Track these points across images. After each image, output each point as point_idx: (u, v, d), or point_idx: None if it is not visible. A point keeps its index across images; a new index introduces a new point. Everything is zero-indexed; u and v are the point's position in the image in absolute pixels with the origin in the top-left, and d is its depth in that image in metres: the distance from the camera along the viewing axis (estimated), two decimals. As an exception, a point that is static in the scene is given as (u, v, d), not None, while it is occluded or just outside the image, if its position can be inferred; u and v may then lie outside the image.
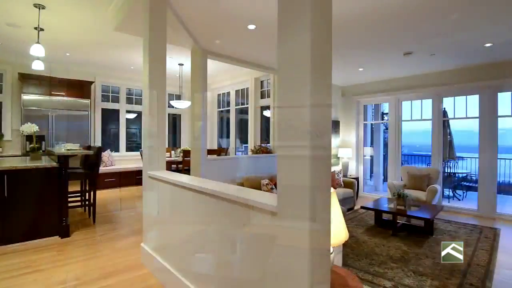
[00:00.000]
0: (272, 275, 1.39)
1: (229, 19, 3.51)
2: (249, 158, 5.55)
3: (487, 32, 3.76)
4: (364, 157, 7.36)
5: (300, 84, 1.19)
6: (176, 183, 2.27)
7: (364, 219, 4.97)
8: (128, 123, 8.10)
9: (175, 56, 5.76)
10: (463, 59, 4.98)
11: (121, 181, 7.02)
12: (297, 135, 1.20)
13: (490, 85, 5.22)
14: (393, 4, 3.03)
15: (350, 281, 1.79)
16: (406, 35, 3.91)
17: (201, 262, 2.04)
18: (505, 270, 3.12)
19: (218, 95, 8.34)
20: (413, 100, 6.44)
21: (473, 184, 7.00)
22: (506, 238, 4.12)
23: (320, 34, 1.21)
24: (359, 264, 3.20)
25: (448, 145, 7.11)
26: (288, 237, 1.27)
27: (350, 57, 4.94)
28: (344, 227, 1.69)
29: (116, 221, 4.44)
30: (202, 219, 1.99)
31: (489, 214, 5.21)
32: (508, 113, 5.30)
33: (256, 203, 1.43)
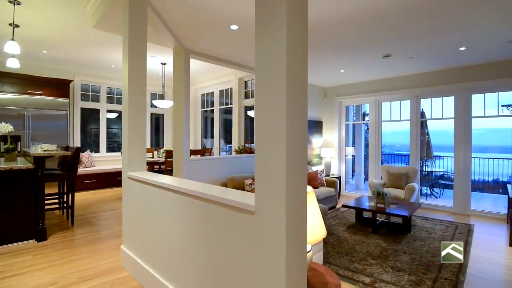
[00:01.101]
0: (250, 273, 1.40)
1: (212, 19, 3.50)
2: (233, 158, 5.55)
3: (461, 37, 3.92)
4: (346, 156, 7.51)
5: (276, 84, 1.21)
6: (155, 183, 2.25)
7: (345, 217, 5.07)
8: (109, 123, 7.92)
9: (158, 55, 5.69)
10: (439, 62, 5.17)
11: (101, 183, 6.85)
12: (274, 135, 1.22)
13: (464, 87, 5.45)
14: (372, 8, 3.11)
15: (328, 277, 1.83)
16: (384, 38, 4.02)
17: (182, 264, 2.02)
18: (477, 264, 3.27)
19: (202, 95, 8.29)
20: (393, 101, 6.63)
21: (449, 182, 7.27)
22: (479, 234, 4.32)
23: (296, 36, 1.23)
24: (340, 261, 3.27)
25: (426, 144, 7.38)
26: (265, 236, 1.29)
27: (331, 59, 5.03)
28: (322, 225, 1.73)
29: (95, 224, 4.33)
30: (182, 220, 1.98)
31: (464, 211, 5.44)
32: (481, 114, 5.54)
33: (234, 203, 1.44)
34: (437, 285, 2.75)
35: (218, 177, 4.97)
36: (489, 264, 3.28)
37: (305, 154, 1.29)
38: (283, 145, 1.17)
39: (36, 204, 3.54)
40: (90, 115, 7.64)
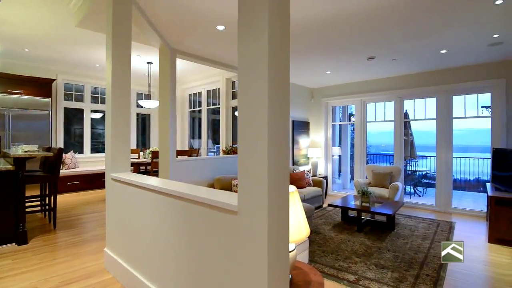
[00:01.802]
0: (233, 274, 1.41)
1: (198, 19, 3.48)
2: (220, 158, 5.53)
3: (441, 40, 4.04)
4: (332, 156, 7.61)
5: (258, 84, 1.22)
6: (138, 184, 2.23)
7: (331, 216, 5.14)
8: (94, 123, 7.76)
9: (144, 54, 5.62)
10: (421, 64, 5.31)
11: (85, 184, 6.70)
12: (256, 135, 1.23)
13: (445, 89, 5.61)
14: (355, 11, 3.17)
15: (312, 276, 1.86)
16: (368, 41, 4.10)
17: (166, 265, 2.01)
18: (457, 260, 3.37)
19: (189, 95, 8.23)
20: (377, 102, 6.77)
21: (432, 181, 7.46)
22: (460, 230, 4.45)
23: (278, 37, 1.25)
24: (325, 259, 3.31)
25: (410, 144, 7.56)
26: (248, 236, 1.29)
27: (317, 60, 5.10)
28: (305, 224, 1.75)
29: (78, 226, 4.24)
30: (166, 221, 1.97)
31: (445, 209, 5.60)
32: (462, 115, 5.72)
33: (217, 203, 1.44)
34: (419, 281, 2.82)
35: (205, 177, 4.95)
36: (469, 260, 3.38)
37: (287, 154, 1.31)
38: (265, 145, 1.19)
39: (16, 207, 3.44)
40: (74, 115, 7.47)
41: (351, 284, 2.75)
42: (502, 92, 5.03)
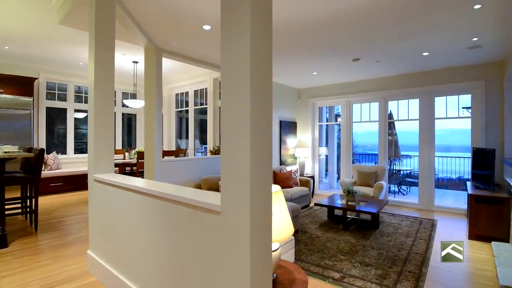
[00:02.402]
0: (217, 274, 1.41)
1: (183, 18, 3.46)
2: (207, 159, 5.51)
3: (424, 43, 4.15)
4: (319, 156, 7.69)
5: (241, 84, 1.23)
6: (121, 185, 2.20)
7: (318, 215, 5.19)
8: (78, 123, 7.59)
9: (129, 53, 5.53)
10: (404, 66, 5.44)
11: (68, 186, 6.54)
12: (238, 135, 1.23)
13: (428, 90, 5.77)
14: (339, 13, 3.22)
15: (296, 274, 1.88)
16: (353, 42, 4.17)
17: (149, 266, 1.99)
18: (439, 257, 3.46)
19: (176, 95, 8.15)
20: (362, 103, 6.89)
21: (415, 180, 7.65)
22: (441, 228, 4.58)
23: (260, 37, 1.26)
24: (311, 258, 3.35)
25: (394, 144, 7.73)
26: (231, 236, 1.30)
27: (304, 61, 5.14)
28: (289, 223, 1.77)
29: (61, 228, 4.14)
30: (149, 222, 1.95)
31: (428, 207, 5.75)
32: (443, 116, 5.89)
33: (201, 204, 1.44)
34: (401, 278, 2.89)
35: (192, 178, 4.92)
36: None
37: (270, 154, 1.32)
38: (247, 145, 1.20)
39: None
40: (57, 115, 7.28)
41: (336, 282, 2.80)
42: (481, 94, 5.21)
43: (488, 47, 4.32)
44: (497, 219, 3.90)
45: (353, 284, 2.75)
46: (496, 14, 3.21)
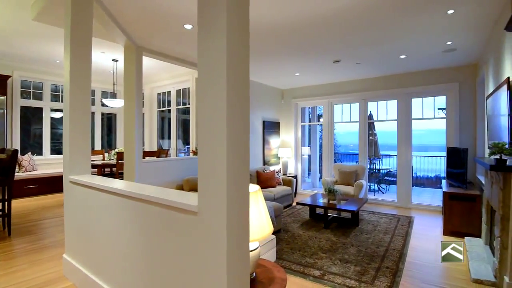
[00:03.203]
0: (194, 274, 1.41)
1: (164, 17, 3.42)
2: (190, 159, 5.46)
3: (401, 45, 4.29)
4: (302, 156, 7.78)
5: (217, 84, 1.23)
6: (97, 187, 2.15)
7: (300, 214, 5.26)
8: (55, 123, 7.33)
9: (108, 51, 5.40)
10: (383, 68, 5.60)
11: (44, 188, 6.31)
12: (214, 135, 1.24)
13: (405, 91, 5.96)
14: (319, 15, 3.27)
15: (276, 273, 1.90)
16: (334, 44, 4.25)
17: (127, 269, 1.96)
18: (415, 253, 3.59)
19: (158, 94, 8.03)
20: (343, 103, 7.04)
21: (394, 178, 7.88)
22: (418, 225, 4.75)
23: (237, 37, 1.27)
24: (293, 256, 3.39)
25: (374, 144, 7.93)
26: (208, 236, 1.30)
27: (287, 62, 5.19)
28: (268, 222, 1.78)
29: (36, 232, 3.99)
30: (126, 224, 1.92)
31: (406, 205, 5.94)
32: (420, 116, 6.10)
33: (177, 204, 1.43)
34: (379, 273, 2.98)
35: (174, 179, 4.86)
36: (425, 252, 3.62)
37: (247, 154, 1.33)
38: (224, 145, 1.20)
39: (-38, 214, 3.17)
40: (33, 114, 7.00)
41: (316, 280, 2.84)
42: (455, 95, 5.43)
43: (462, 51, 4.51)
44: (469, 216, 4.08)
45: (333, 281, 2.80)
46: (468, 19, 3.36)
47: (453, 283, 2.84)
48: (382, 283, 2.77)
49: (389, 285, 2.74)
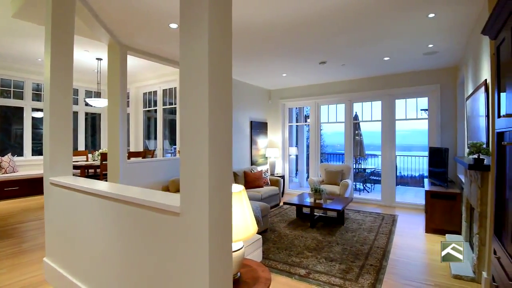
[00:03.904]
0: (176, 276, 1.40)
1: (149, 16, 3.37)
2: (176, 160, 5.40)
3: (384, 48, 4.38)
4: (289, 156, 7.83)
5: (199, 85, 1.23)
6: (78, 188, 2.10)
7: (287, 214, 5.29)
8: (37, 123, 7.12)
9: (92, 50, 5.28)
10: (367, 70, 5.70)
11: (25, 190, 6.11)
12: (196, 135, 1.23)
13: (389, 93, 6.08)
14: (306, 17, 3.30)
15: (260, 272, 1.91)
16: (320, 46, 4.29)
17: (109, 272, 1.93)
18: (398, 250, 3.68)
19: (143, 94, 7.91)
20: (330, 104, 7.13)
21: (379, 178, 8.04)
22: (401, 223, 4.86)
23: (219, 38, 1.27)
24: (279, 256, 3.41)
25: (359, 144, 8.06)
26: (190, 237, 1.30)
27: (274, 63, 5.21)
28: (252, 222, 1.79)
29: (16, 236, 3.87)
30: (108, 226, 1.88)
31: (390, 203, 6.07)
32: (403, 117, 6.24)
33: (160, 205, 1.42)
34: (363, 271, 3.03)
35: (160, 180, 4.81)
36: (408, 249, 3.71)
37: (230, 154, 1.33)
38: (206, 145, 1.20)
39: None
40: (13, 114, 6.78)
41: (302, 278, 2.87)
42: (437, 97, 5.59)
43: (443, 53, 4.64)
44: (450, 213, 4.20)
45: (318, 280, 2.83)
46: (448, 23, 3.46)
47: (434, 279, 2.92)
48: (366, 281, 2.82)
49: (373, 282, 2.79)
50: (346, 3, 2.99)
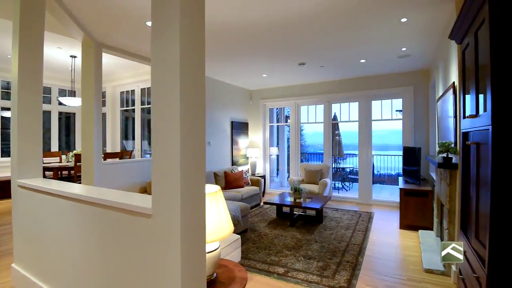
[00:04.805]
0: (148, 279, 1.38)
1: (124, 13, 3.29)
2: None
3: (360, 51, 4.49)
4: (270, 156, 7.88)
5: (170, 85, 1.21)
6: (47, 191, 2.03)
7: (268, 213, 5.32)
8: (6, 123, 6.76)
9: (66, 47, 5.08)
10: (345, 71, 5.83)
11: (-7, 193, 5.81)
12: (168, 136, 1.22)
13: (365, 94, 6.25)
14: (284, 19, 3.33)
15: (237, 272, 1.91)
16: (298, 47, 4.34)
17: (80, 276, 1.86)
18: (373, 246, 3.79)
19: (121, 93, 7.70)
20: (309, 105, 7.24)
21: (357, 176, 8.24)
22: (377, 219, 5.01)
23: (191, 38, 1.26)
24: (259, 255, 3.42)
25: (338, 144, 8.24)
26: (161, 238, 1.28)
27: (254, 63, 5.22)
28: (228, 222, 1.79)
29: (-19, 241, 3.66)
30: (79, 229, 1.82)
31: (367, 201, 6.24)
32: (379, 118, 6.44)
33: (131, 207, 1.39)
34: (340, 268, 3.10)
35: (137, 181, 4.70)
36: (383, 245, 3.83)
37: (203, 155, 1.33)
38: (177, 145, 1.19)
39: None
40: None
41: (280, 277, 2.90)
42: (410, 98, 5.80)
43: (416, 57, 4.83)
44: (423, 210, 4.37)
45: (296, 278, 2.87)
46: (420, 27, 3.60)
47: (407, 273, 3.03)
48: (342, 277, 2.88)
49: (349, 278, 2.86)
50: (322, 8, 3.05)
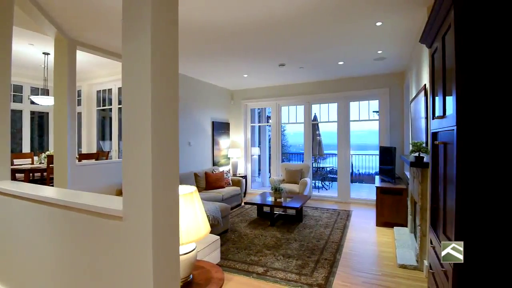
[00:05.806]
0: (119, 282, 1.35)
1: (99, 8, 3.19)
2: (133, 161, 5.17)
3: (338, 53, 4.59)
4: (252, 156, 7.89)
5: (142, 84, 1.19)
6: (10, 193, 1.93)
7: (249, 213, 5.33)
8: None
9: (38, 43, 4.86)
10: (324, 73, 5.94)
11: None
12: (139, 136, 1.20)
13: (343, 95, 6.40)
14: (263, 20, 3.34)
15: (214, 273, 1.90)
16: (278, 48, 4.37)
17: (48, 281, 1.79)
18: (351, 243, 3.88)
19: (97, 92, 7.46)
20: (290, 105, 7.32)
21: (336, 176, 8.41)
22: (355, 217, 5.13)
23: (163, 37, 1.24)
24: (238, 256, 3.42)
25: (318, 144, 8.38)
26: (133, 241, 1.25)
27: (235, 63, 5.21)
28: (205, 223, 1.78)
29: None
30: (46, 233, 1.75)
31: (345, 200, 6.38)
32: (357, 118, 6.60)
33: (101, 209, 1.35)
34: (318, 265, 3.16)
35: (114, 183, 4.57)
36: (360, 242, 3.93)
37: (176, 155, 1.31)
38: (149, 145, 1.17)
39: None
40: None
41: (259, 276, 2.91)
42: (386, 99, 5.99)
43: (391, 59, 4.98)
44: (397, 207, 4.53)
45: (275, 277, 2.90)
46: (394, 31, 3.71)
47: (382, 269, 3.13)
48: (320, 274, 2.94)
49: (326, 275, 2.92)
50: (301, 10, 3.09)
